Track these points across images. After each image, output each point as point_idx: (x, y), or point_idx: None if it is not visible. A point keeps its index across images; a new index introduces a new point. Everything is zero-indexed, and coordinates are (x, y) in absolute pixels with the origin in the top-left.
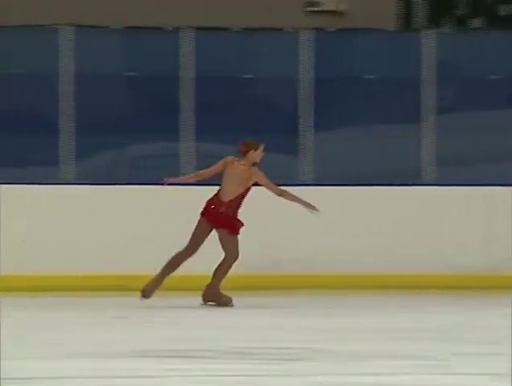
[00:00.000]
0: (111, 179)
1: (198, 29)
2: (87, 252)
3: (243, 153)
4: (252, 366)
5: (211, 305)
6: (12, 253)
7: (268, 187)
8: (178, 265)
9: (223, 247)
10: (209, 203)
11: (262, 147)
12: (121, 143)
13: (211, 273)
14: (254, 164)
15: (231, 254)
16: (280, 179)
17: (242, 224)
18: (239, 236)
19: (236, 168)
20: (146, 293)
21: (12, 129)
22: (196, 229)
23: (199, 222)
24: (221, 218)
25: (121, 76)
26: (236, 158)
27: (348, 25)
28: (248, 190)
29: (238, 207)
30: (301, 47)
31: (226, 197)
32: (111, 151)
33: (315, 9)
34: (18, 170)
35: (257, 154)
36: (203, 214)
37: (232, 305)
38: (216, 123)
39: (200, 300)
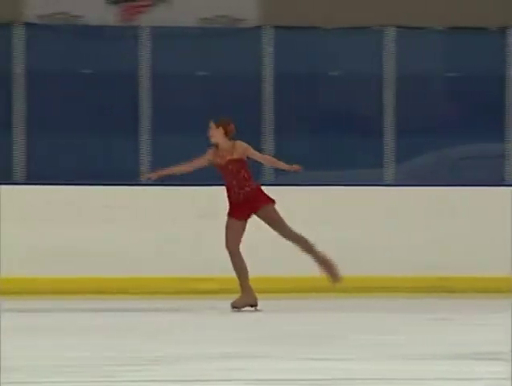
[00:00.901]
0: (431, 180)
1: None
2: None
3: None
4: None
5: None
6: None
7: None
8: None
9: (274, 223)
10: (232, 200)
11: (209, 124)
12: (443, 144)
13: None
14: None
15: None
16: None
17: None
18: None
19: None
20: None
21: (336, 130)
22: (231, 231)
23: (234, 223)
24: (248, 199)
25: (441, 77)
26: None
27: None
28: (241, 161)
29: (250, 177)
30: None
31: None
32: (433, 152)
33: None
34: (345, 172)
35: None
36: (233, 215)
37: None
38: None
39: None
